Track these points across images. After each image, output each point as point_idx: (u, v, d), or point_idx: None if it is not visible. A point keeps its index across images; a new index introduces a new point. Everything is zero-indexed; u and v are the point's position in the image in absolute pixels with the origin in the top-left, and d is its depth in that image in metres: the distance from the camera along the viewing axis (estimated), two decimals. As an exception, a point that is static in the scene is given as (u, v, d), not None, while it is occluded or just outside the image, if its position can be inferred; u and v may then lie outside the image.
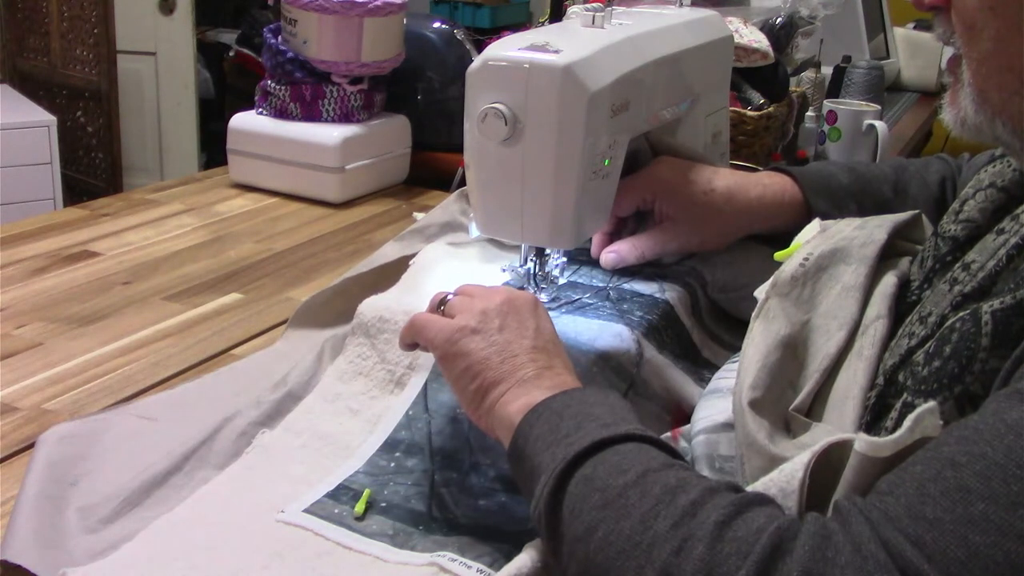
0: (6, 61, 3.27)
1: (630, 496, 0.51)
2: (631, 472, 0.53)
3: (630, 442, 0.56)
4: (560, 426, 0.59)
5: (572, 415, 0.60)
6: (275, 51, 1.42)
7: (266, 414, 0.79)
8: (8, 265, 1.12)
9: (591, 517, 0.52)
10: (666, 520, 0.49)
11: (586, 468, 0.55)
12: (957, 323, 0.55)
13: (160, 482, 0.71)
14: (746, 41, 1.40)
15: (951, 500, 0.43)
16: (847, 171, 0.96)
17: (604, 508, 0.52)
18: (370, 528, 0.67)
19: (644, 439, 0.57)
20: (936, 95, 2.56)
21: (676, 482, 0.52)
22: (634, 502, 0.51)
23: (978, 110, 0.59)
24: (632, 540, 0.50)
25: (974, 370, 0.53)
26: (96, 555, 0.64)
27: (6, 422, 0.80)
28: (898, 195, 0.95)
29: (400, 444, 0.76)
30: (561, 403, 0.61)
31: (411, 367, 0.81)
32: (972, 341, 0.53)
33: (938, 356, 0.56)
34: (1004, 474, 0.43)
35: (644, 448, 0.56)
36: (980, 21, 0.57)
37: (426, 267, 0.93)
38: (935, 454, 0.46)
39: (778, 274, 0.72)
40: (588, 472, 0.55)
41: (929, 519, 0.43)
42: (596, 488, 0.53)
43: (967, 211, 0.67)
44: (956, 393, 0.54)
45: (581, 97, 0.75)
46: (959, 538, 0.42)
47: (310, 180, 1.40)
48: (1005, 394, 0.47)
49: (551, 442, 0.58)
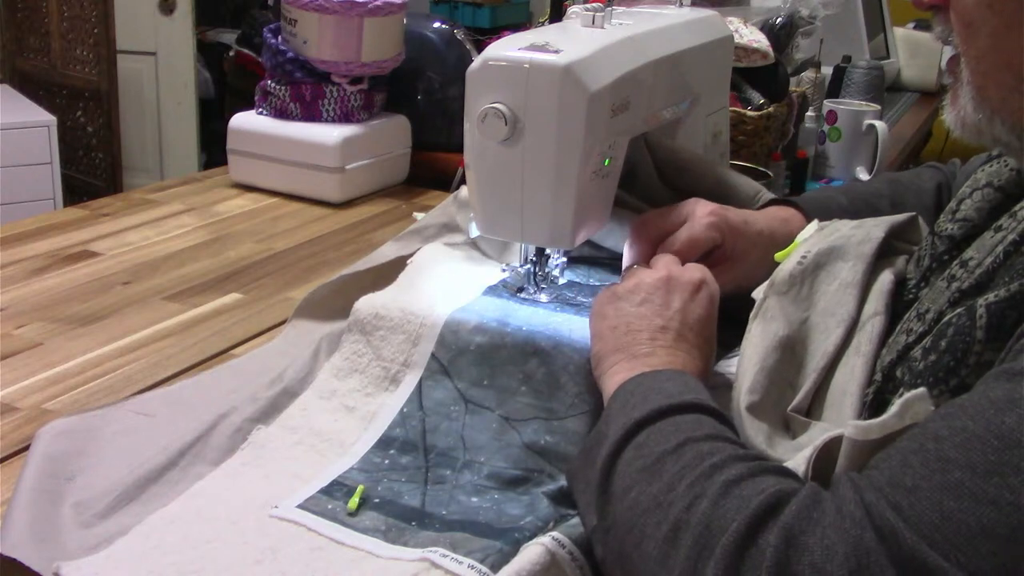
0: (6, 61, 3.27)
1: (666, 462, 0.54)
2: (673, 440, 0.56)
3: (689, 412, 0.59)
4: (629, 400, 0.62)
5: (644, 391, 0.62)
6: (275, 51, 1.42)
7: (262, 411, 0.80)
8: (8, 265, 1.12)
9: (630, 479, 0.56)
10: (686, 481, 0.52)
11: (641, 435, 0.58)
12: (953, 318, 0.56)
13: (155, 477, 0.71)
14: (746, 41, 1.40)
15: (930, 469, 0.45)
16: (845, 193, 0.96)
17: (642, 471, 0.55)
18: (363, 524, 0.68)
19: (704, 409, 0.59)
20: (936, 95, 2.56)
21: (709, 449, 0.54)
22: (668, 467, 0.54)
23: (977, 108, 0.60)
24: (656, 500, 0.53)
25: (969, 363, 0.53)
26: (90, 549, 0.64)
27: (6, 422, 0.80)
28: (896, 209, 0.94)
29: (394, 441, 0.76)
30: (636, 382, 0.64)
31: (406, 364, 0.81)
32: (967, 335, 0.54)
33: (934, 350, 0.56)
34: (983, 445, 0.44)
35: (700, 418, 0.58)
36: (978, 19, 0.57)
37: (423, 267, 0.93)
38: (920, 430, 0.48)
39: (776, 273, 0.72)
40: (641, 439, 0.58)
41: (908, 486, 0.45)
42: (642, 454, 0.57)
43: (964, 210, 0.67)
44: (952, 386, 0.54)
45: (581, 97, 0.75)
46: (934, 503, 0.44)
47: (310, 180, 1.40)
48: (993, 374, 0.48)
49: (617, 413, 0.61)
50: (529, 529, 0.66)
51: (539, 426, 0.75)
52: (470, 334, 0.80)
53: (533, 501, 0.70)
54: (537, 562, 0.59)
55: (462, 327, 0.81)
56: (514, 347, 0.79)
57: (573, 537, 0.61)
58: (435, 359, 0.80)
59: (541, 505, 0.69)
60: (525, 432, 0.75)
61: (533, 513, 0.68)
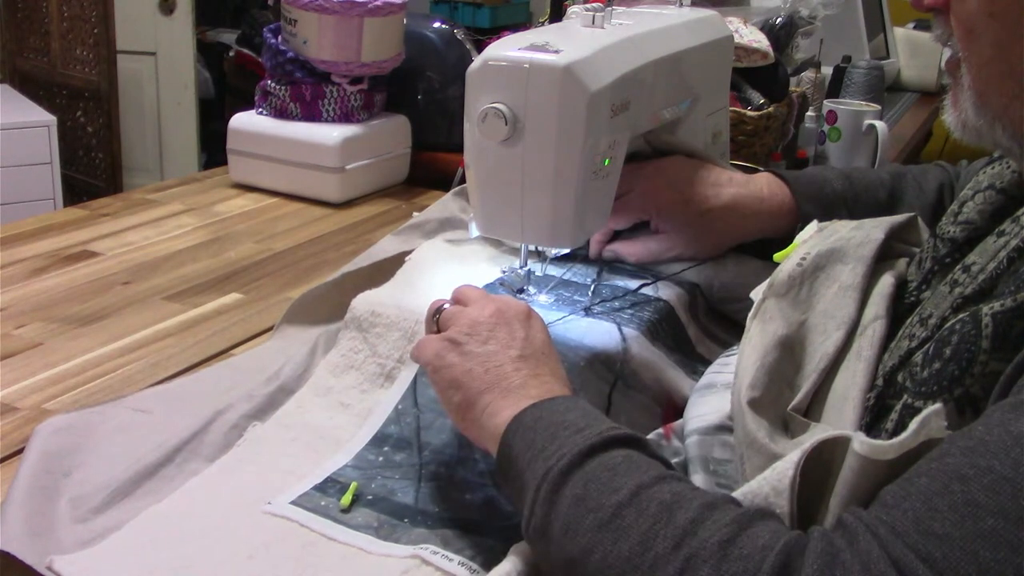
0: (6, 61, 3.27)
1: (626, 516, 0.50)
2: (623, 490, 0.52)
3: (613, 448, 0.55)
4: (535, 440, 0.58)
5: (546, 426, 0.59)
6: (275, 51, 1.42)
7: (258, 407, 0.80)
8: (8, 265, 1.12)
9: (587, 540, 0.51)
10: (666, 540, 0.48)
11: (575, 485, 0.54)
12: (957, 325, 0.55)
13: (151, 473, 0.72)
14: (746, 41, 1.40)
15: (960, 515, 0.42)
16: (842, 178, 0.97)
17: (600, 530, 0.51)
18: (355, 520, 0.68)
19: (625, 441, 0.56)
20: (936, 95, 2.56)
21: (671, 497, 0.50)
22: (631, 522, 0.50)
23: (978, 113, 0.59)
24: (632, 563, 0.49)
25: (974, 372, 0.52)
26: (85, 544, 0.64)
27: (6, 422, 0.80)
28: (893, 200, 0.95)
29: (389, 439, 0.77)
30: (532, 416, 0.60)
31: (401, 361, 0.82)
32: (972, 343, 0.53)
33: (938, 358, 0.55)
34: (1013, 488, 0.42)
35: (630, 457, 0.55)
36: (980, 26, 0.57)
37: (422, 264, 0.93)
38: (940, 466, 0.45)
39: (775, 275, 0.72)
40: (579, 491, 0.53)
41: (938, 534, 0.42)
42: (589, 509, 0.52)
43: (966, 213, 0.67)
44: (956, 395, 0.53)
45: (581, 97, 0.75)
46: (969, 554, 0.41)
47: (310, 180, 1.40)
48: (1009, 404, 0.46)
49: (530, 458, 0.57)
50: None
51: None
52: None
53: None
54: (529, 562, 0.59)
55: None
56: None
57: None
58: None
59: None
60: None
61: (526, 511, 0.68)
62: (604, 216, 0.88)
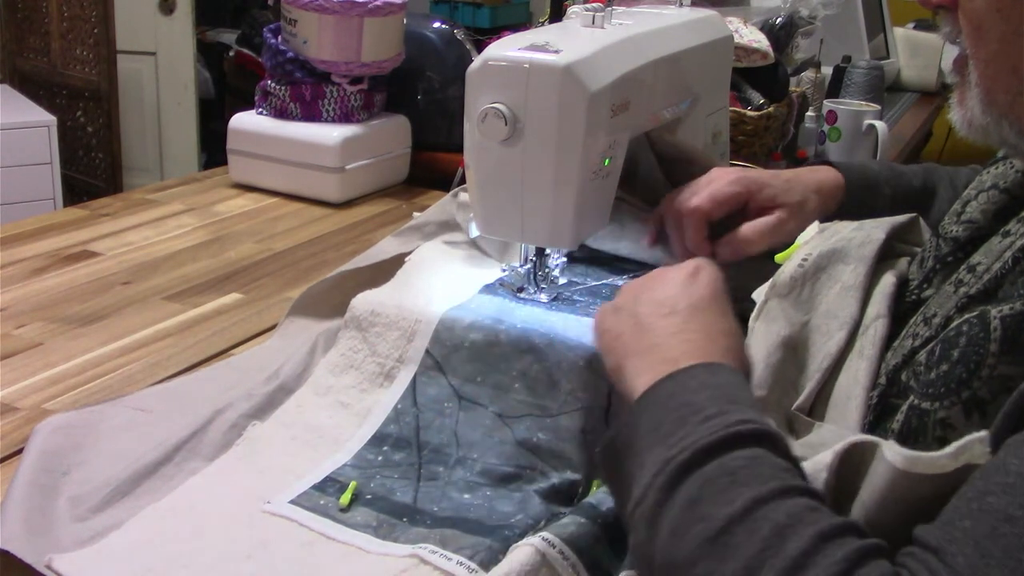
0: (6, 61, 3.27)
1: (736, 534, 0.48)
2: (738, 502, 0.49)
3: (738, 447, 0.52)
4: (662, 422, 0.56)
5: (676, 407, 0.56)
6: (275, 51, 1.42)
7: (257, 407, 0.80)
8: (8, 265, 1.12)
9: (693, 550, 0.49)
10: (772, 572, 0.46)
11: (691, 485, 0.51)
12: (964, 326, 0.55)
13: (150, 472, 0.72)
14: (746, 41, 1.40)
15: (1016, 560, 0.42)
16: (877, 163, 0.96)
17: (708, 543, 0.49)
18: (354, 519, 0.68)
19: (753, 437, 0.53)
20: (936, 95, 2.56)
21: (786, 519, 0.48)
22: (740, 541, 0.48)
23: (985, 111, 0.59)
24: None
25: (982, 376, 0.52)
26: (84, 543, 0.64)
27: (6, 422, 0.80)
28: (926, 190, 0.94)
29: (388, 438, 0.77)
30: (665, 392, 0.58)
31: (400, 360, 0.82)
32: (980, 346, 0.53)
33: (945, 360, 0.55)
34: None
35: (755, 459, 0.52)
36: (987, 22, 0.57)
37: (420, 265, 0.93)
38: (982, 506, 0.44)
39: (777, 275, 0.72)
40: (694, 493, 0.51)
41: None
42: (701, 517, 0.50)
43: (969, 212, 0.67)
44: (964, 398, 0.53)
45: (581, 97, 0.75)
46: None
47: (310, 180, 1.40)
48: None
49: (654, 441, 0.55)
50: (519, 527, 0.66)
51: (532, 423, 0.75)
52: (465, 331, 0.80)
53: (525, 499, 0.70)
54: (527, 563, 0.59)
55: (457, 324, 0.81)
56: (508, 344, 0.79)
57: (564, 536, 0.61)
58: (429, 355, 0.81)
59: (532, 503, 0.69)
60: (518, 429, 0.75)
61: (524, 511, 0.68)
62: (604, 216, 0.88)
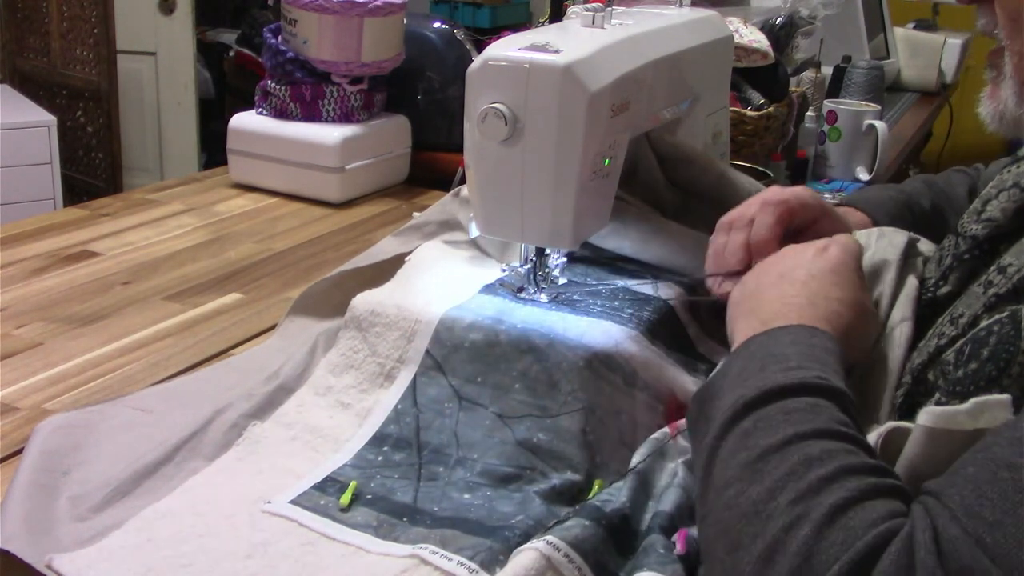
0: (6, 61, 3.27)
1: (770, 461, 0.51)
2: (779, 433, 0.52)
3: (804, 395, 0.54)
4: (748, 366, 0.58)
5: (763, 356, 0.59)
6: (275, 51, 1.42)
7: (258, 407, 0.80)
8: (8, 265, 1.12)
9: (731, 473, 0.52)
10: (790, 493, 0.48)
11: (748, 421, 0.54)
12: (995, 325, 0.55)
13: (150, 472, 0.72)
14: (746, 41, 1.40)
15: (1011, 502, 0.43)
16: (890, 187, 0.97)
17: (744, 468, 0.51)
18: (354, 519, 0.68)
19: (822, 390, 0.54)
20: (936, 95, 2.56)
21: (818, 453, 0.50)
22: (771, 468, 0.50)
23: (1020, 102, 0.59)
24: (755, 508, 0.49)
25: (1012, 373, 0.52)
26: (84, 542, 0.64)
27: (6, 422, 0.80)
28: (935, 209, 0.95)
29: (388, 438, 0.77)
30: (758, 343, 0.61)
31: (400, 360, 0.82)
32: (1011, 344, 0.53)
33: (975, 358, 0.55)
34: None
35: (817, 406, 0.53)
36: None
37: (420, 265, 0.93)
38: (987, 455, 0.45)
39: None
40: (748, 426, 0.53)
41: (988, 520, 0.43)
42: (746, 446, 0.52)
43: (989, 211, 0.66)
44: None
45: (581, 97, 0.75)
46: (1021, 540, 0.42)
47: (310, 180, 1.40)
48: None
49: (735, 382, 0.57)
50: (520, 528, 0.66)
51: (532, 423, 0.75)
52: (465, 331, 0.80)
53: (525, 500, 0.70)
54: (532, 567, 0.59)
55: (457, 324, 0.81)
56: (508, 344, 0.79)
57: (568, 539, 0.61)
58: (430, 355, 0.81)
59: (533, 504, 0.69)
60: (518, 429, 0.75)
61: (524, 512, 0.68)
62: (604, 216, 0.88)
